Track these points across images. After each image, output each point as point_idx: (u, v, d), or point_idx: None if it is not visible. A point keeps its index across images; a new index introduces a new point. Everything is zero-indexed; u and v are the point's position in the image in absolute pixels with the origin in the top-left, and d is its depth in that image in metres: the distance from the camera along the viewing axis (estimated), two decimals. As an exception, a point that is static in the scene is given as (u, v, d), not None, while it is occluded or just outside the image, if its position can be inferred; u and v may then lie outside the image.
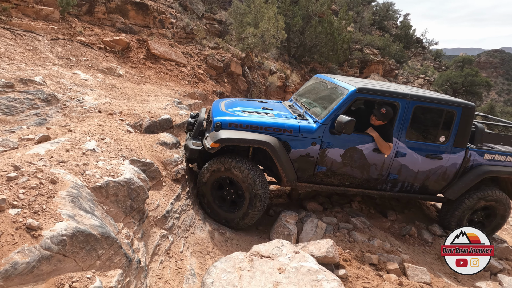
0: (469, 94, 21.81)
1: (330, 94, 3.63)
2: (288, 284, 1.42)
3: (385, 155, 3.34)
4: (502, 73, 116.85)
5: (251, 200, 3.12)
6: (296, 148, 3.19)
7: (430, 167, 3.50)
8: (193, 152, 3.28)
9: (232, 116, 3.28)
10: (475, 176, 3.57)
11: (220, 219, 3.28)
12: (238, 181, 3.13)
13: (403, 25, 28.84)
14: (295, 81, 10.58)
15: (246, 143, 3.05)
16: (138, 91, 5.84)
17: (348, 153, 3.29)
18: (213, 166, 3.16)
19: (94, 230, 1.53)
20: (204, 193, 3.28)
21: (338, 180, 3.45)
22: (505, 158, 3.70)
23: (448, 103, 3.44)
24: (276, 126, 3.17)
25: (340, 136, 3.21)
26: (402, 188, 3.61)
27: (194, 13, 10.33)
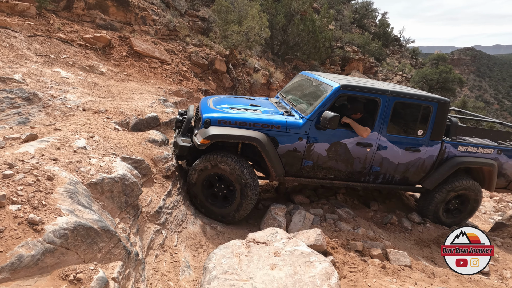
0: (444, 90, 22.85)
1: (315, 91, 3.75)
2: (284, 265, 1.53)
3: (363, 138, 3.49)
4: (474, 70, 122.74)
5: (243, 191, 3.20)
6: (283, 144, 3.30)
7: (409, 159, 3.70)
8: (183, 149, 3.31)
9: (221, 113, 3.33)
10: (450, 166, 3.80)
11: (216, 216, 3.33)
12: (226, 175, 3.20)
13: (381, 23, 29.73)
14: (279, 78, 10.72)
15: (236, 139, 3.13)
16: (122, 89, 5.75)
17: (333, 147, 3.43)
18: (200, 165, 3.20)
19: (94, 224, 1.57)
20: (195, 193, 3.32)
21: (324, 173, 3.58)
22: (477, 149, 3.97)
23: (425, 99, 3.65)
24: (264, 122, 3.25)
25: (325, 131, 3.34)
26: (384, 180, 3.80)
27: (177, 9, 10.21)
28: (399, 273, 2.70)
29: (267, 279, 1.42)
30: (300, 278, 1.44)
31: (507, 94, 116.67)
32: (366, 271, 2.65)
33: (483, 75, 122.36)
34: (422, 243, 3.70)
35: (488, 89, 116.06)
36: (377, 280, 2.50)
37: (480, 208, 7.32)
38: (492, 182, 4.08)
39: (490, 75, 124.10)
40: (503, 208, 7.32)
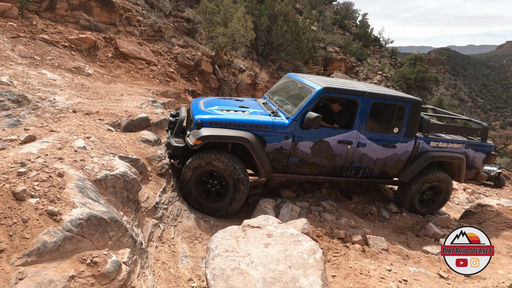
0: (421, 89, 23.88)
1: (299, 93, 3.99)
2: (276, 244, 1.75)
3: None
4: (449, 69, 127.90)
5: (236, 185, 3.42)
6: (271, 142, 3.53)
7: (386, 155, 4.00)
8: (176, 149, 3.49)
9: (212, 115, 3.53)
10: (423, 161, 4.13)
11: (210, 210, 3.51)
12: (220, 171, 3.39)
13: (362, 24, 30.63)
14: (264, 78, 10.97)
15: (226, 139, 3.34)
16: (110, 91, 5.81)
17: (317, 145, 3.67)
18: (194, 163, 3.38)
19: (104, 215, 1.74)
20: (189, 190, 3.47)
21: (309, 169, 3.83)
22: (447, 144, 4.33)
23: (399, 99, 3.95)
24: (253, 123, 3.47)
25: (309, 130, 3.58)
26: (364, 174, 4.08)
27: (161, 10, 10.24)
28: (377, 255, 2.99)
29: (262, 255, 1.64)
30: (290, 254, 1.67)
31: (480, 92, 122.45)
32: (348, 255, 2.93)
33: (458, 74, 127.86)
34: (398, 230, 4.05)
35: (463, 87, 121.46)
36: (357, 262, 2.78)
37: (454, 199, 7.88)
38: (461, 174, 4.45)
39: (464, 74, 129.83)
40: (475, 199, 7.91)
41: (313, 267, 1.57)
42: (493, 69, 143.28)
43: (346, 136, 3.75)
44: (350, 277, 2.57)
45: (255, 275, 1.49)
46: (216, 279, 1.50)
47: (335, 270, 2.71)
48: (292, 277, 1.49)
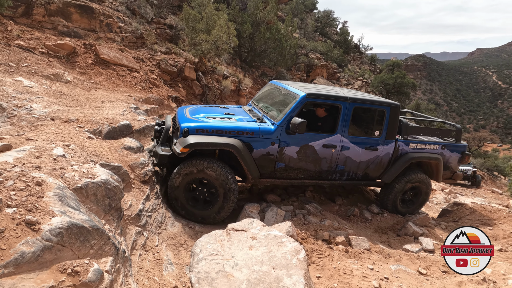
0: (400, 94, 24.76)
1: (284, 99, 4.07)
2: (260, 246, 1.78)
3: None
4: (425, 75, 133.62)
5: (226, 195, 3.43)
6: (257, 148, 3.56)
7: (369, 158, 4.12)
8: (163, 157, 3.48)
9: (198, 123, 3.54)
10: (404, 162, 4.29)
11: (196, 217, 3.49)
12: (211, 180, 3.40)
13: (342, 32, 31.54)
14: (247, 85, 11.07)
15: (214, 147, 3.36)
16: (91, 98, 5.69)
17: (303, 150, 3.75)
18: (185, 170, 3.35)
19: (85, 224, 1.71)
20: (176, 196, 3.44)
21: (296, 174, 3.89)
22: (425, 146, 4.53)
23: (379, 104, 4.11)
24: (239, 130, 3.50)
25: (294, 135, 3.64)
26: (348, 177, 4.18)
27: (143, 17, 10.17)
28: (360, 255, 3.07)
29: (247, 257, 1.66)
30: (274, 255, 1.70)
31: (454, 97, 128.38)
32: (331, 256, 2.99)
33: (433, 80, 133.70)
34: (380, 230, 4.17)
35: (438, 92, 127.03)
36: (341, 262, 2.84)
37: (433, 199, 8.18)
38: (439, 173, 4.65)
39: (439, 80, 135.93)
40: (452, 199, 8.26)
41: (296, 267, 1.61)
42: (466, 74, 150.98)
43: (330, 140, 3.84)
44: (334, 277, 2.63)
45: (239, 277, 1.51)
46: (201, 282, 1.51)
47: (319, 271, 2.76)
48: (276, 277, 1.52)
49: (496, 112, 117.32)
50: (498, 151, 41.96)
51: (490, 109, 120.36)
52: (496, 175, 21.16)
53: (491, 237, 4.25)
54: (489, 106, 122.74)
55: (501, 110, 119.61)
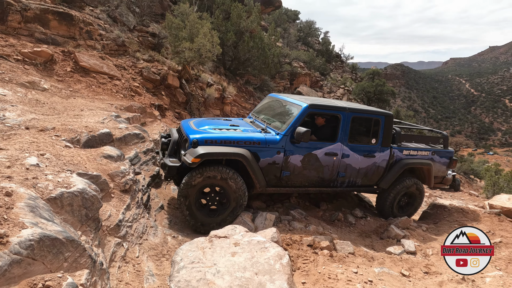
0: (380, 101, 25.56)
1: (285, 110, 4.26)
2: (243, 252, 1.75)
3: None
4: (404, 83, 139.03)
5: (235, 209, 3.49)
6: (264, 158, 3.68)
7: (367, 164, 4.31)
8: (172, 169, 3.51)
9: (207, 133, 3.62)
10: (399, 168, 4.50)
11: (196, 222, 3.47)
12: (229, 191, 3.45)
13: (324, 41, 32.41)
14: (232, 92, 11.09)
15: (224, 156, 3.44)
16: (69, 106, 5.51)
17: (306, 158, 3.89)
18: (210, 173, 3.39)
19: (59, 235, 1.63)
20: (188, 194, 3.41)
21: (300, 181, 4.00)
22: (417, 152, 4.78)
23: (375, 113, 4.34)
24: (246, 140, 3.62)
25: (299, 144, 3.79)
26: (349, 184, 4.32)
27: (125, 25, 10.05)
28: (344, 259, 3.09)
29: (229, 264, 1.63)
30: (257, 261, 1.68)
31: (431, 104, 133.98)
32: (316, 261, 2.98)
33: (411, 88, 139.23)
34: (364, 234, 4.23)
35: (416, 99, 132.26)
36: (326, 267, 2.84)
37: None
38: (431, 178, 4.88)
39: (417, 87, 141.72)
40: (432, 202, 8.51)
41: (280, 272, 1.59)
42: (441, 83, 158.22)
43: (332, 149, 4.02)
44: (319, 282, 2.62)
45: (221, 284, 1.47)
46: (182, 292, 1.46)
47: (305, 277, 2.74)
48: (259, 283, 1.50)
49: (470, 118, 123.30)
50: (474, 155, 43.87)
51: (464, 115, 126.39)
52: (473, 178, 22.07)
53: (469, 237, 4.39)
54: (463, 112, 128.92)
55: (475, 116, 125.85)
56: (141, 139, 4.78)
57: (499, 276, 2.99)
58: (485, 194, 11.09)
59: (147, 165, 4.53)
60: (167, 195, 4.41)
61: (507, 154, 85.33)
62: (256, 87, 14.94)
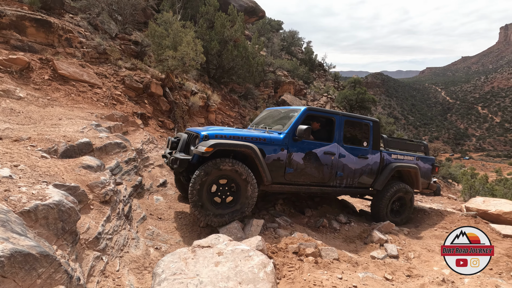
0: (362, 109, 26.24)
1: (285, 116, 4.58)
2: (227, 261, 1.72)
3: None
4: (384, 91, 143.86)
5: (245, 203, 3.74)
6: (269, 154, 3.91)
7: (362, 165, 4.65)
8: (184, 161, 3.63)
9: (216, 129, 3.92)
10: (390, 170, 4.82)
11: (208, 213, 3.54)
12: (240, 183, 3.65)
13: (307, 50, 33.11)
14: (216, 101, 11.07)
15: (235, 147, 3.61)
16: (46, 115, 5.32)
17: (307, 156, 4.16)
18: (223, 165, 3.51)
19: (32, 250, 1.55)
20: (207, 182, 3.50)
21: (303, 179, 4.21)
22: (404, 157, 5.14)
23: (364, 119, 4.78)
24: (253, 136, 3.86)
25: (300, 142, 4.08)
26: (346, 184, 4.61)
27: (107, 32, 9.90)
28: (329, 265, 3.10)
29: (212, 274, 1.60)
30: (241, 270, 1.66)
31: (410, 111, 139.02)
32: (302, 268, 2.98)
33: (391, 95, 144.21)
34: (348, 240, 4.27)
35: (396, 107, 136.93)
36: (311, 274, 2.84)
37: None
38: (419, 182, 5.19)
39: (396, 95, 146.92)
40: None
41: (264, 280, 1.57)
42: (419, 91, 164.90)
43: (330, 148, 4.35)
44: (305, 289, 2.61)
45: (204, 295, 1.44)
46: (164, 306, 1.41)
47: (290, 285, 2.73)
48: (243, 294, 1.48)
49: (446, 125, 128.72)
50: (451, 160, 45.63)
51: (441, 122, 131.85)
52: (451, 182, 22.91)
53: (448, 240, 4.54)
54: (440, 119, 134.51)
55: (451, 122, 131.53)
56: (122, 149, 4.67)
57: (476, 277, 3.09)
58: (463, 197, 11.53)
59: (129, 175, 4.42)
60: (150, 205, 4.30)
61: (481, 158, 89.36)
62: (240, 95, 15.01)
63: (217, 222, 3.58)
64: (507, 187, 14.99)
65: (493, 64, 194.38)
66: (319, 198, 5.63)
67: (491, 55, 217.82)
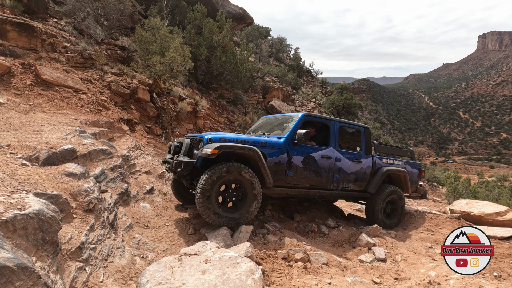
0: (349, 114, 26.70)
1: (283, 122, 4.77)
2: (214, 269, 1.69)
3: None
4: (370, 97, 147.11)
5: (252, 203, 3.79)
6: (271, 157, 4.04)
7: (356, 169, 4.85)
8: (189, 164, 3.68)
9: (219, 134, 4.00)
10: (382, 174, 5.04)
11: (209, 206, 3.53)
12: (247, 185, 3.72)
13: (295, 57, 33.56)
14: (205, 106, 11.02)
15: (239, 149, 3.70)
16: (28, 121, 5.16)
17: (306, 160, 4.32)
18: (230, 168, 3.57)
19: (8, 262, 1.48)
20: (210, 190, 3.50)
21: (303, 182, 4.34)
22: (393, 161, 5.40)
23: (356, 125, 5.05)
24: (255, 140, 4.00)
25: (299, 146, 4.24)
26: (343, 187, 4.76)
27: (92, 37, 9.74)
28: (318, 270, 3.10)
29: (199, 282, 1.56)
30: (228, 277, 1.63)
31: (395, 116, 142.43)
32: (291, 274, 2.97)
33: (377, 101, 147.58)
34: (337, 244, 4.29)
35: (382, 112, 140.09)
36: (300, 280, 2.83)
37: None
38: (408, 185, 5.45)
39: (382, 101, 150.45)
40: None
41: (252, 287, 1.55)
42: (403, 96, 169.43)
43: (326, 152, 4.53)
44: (294, 295, 2.59)
45: (190, 305, 1.40)
46: (149, 317, 1.37)
47: (279, 291, 2.71)
48: (231, 302, 1.45)
49: (430, 129, 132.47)
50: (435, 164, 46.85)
51: (425, 126, 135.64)
52: (435, 185, 23.48)
53: (433, 242, 4.63)
54: (424, 124, 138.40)
55: (434, 127, 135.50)
56: (108, 155, 4.57)
57: (461, 278, 3.15)
58: (447, 200, 11.82)
59: (115, 182, 4.32)
60: (136, 213, 4.21)
61: (464, 162, 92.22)
62: (229, 101, 15.02)
63: (213, 220, 3.55)
64: (488, 189, 15.47)
65: (473, 71, 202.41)
66: (308, 202, 5.65)
67: (471, 62, 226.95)
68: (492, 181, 26.78)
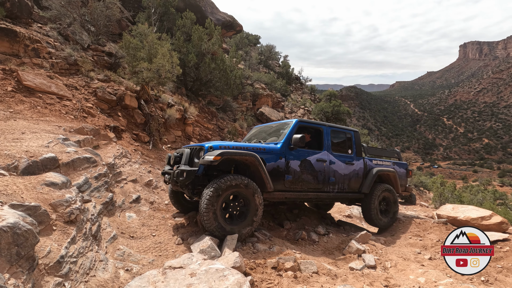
0: (337, 121, 27.05)
1: (278, 129, 4.90)
2: (200, 283, 1.62)
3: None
4: (358, 103, 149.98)
5: (256, 212, 3.87)
6: (269, 162, 4.16)
7: (349, 171, 5.05)
8: (191, 172, 3.70)
9: (219, 142, 4.01)
10: (373, 174, 5.29)
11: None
12: (249, 196, 3.79)
13: (284, 64, 33.94)
14: (193, 113, 10.93)
15: (240, 155, 3.79)
16: (8, 129, 4.96)
17: (303, 163, 4.46)
18: (233, 181, 3.63)
19: (-23, 281, 1.37)
20: (215, 203, 3.52)
21: (301, 186, 4.46)
22: (382, 162, 5.67)
23: (346, 129, 5.31)
24: (254, 147, 4.12)
25: (296, 150, 4.39)
26: (339, 189, 4.93)
27: (78, 43, 9.57)
28: (308, 279, 3.05)
29: (183, 298, 1.49)
30: (214, 291, 1.57)
31: (382, 122, 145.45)
32: (281, 284, 2.90)
33: (365, 108, 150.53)
34: (327, 251, 4.25)
35: (370, 118, 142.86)
36: (290, 290, 2.77)
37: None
38: (398, 184, 5.73)
39: (369, 108, 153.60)
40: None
41: (239, 301, 1.49)
42: (390, 103, 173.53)
43: (321, 155, 4.71)
44: (284, 306, 2.53)
45: (174, 322, 1.32)
46: (130, 337, 1.28)
47: (269, 302, 2.64)
48: (217, 317, 1.38)
49: (416, 135, 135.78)
50: (422, 169, 47.84)
51: (411, 132, 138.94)
52: (422, 190, 23.90)
53: (422, 247, 4.66)
54: (410, 130, 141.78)
55: (420, 133, 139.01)
56: (92, 163, 4.43)
57: (450, 283, 3.16)
58: (434, 204, 12.03)
59: (99, 191, 4.17)
60: (121, 223, 4.07)
61: (449, 167, 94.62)
62: (218, 108, 14.96)
63: (207, 223, 3.53)
64: (472, 193, 15.84)
65: (455, 79, 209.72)
66: (297, 210, 5.62)
67: (453, 70, 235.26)
68: (476, 186, 27.53)
